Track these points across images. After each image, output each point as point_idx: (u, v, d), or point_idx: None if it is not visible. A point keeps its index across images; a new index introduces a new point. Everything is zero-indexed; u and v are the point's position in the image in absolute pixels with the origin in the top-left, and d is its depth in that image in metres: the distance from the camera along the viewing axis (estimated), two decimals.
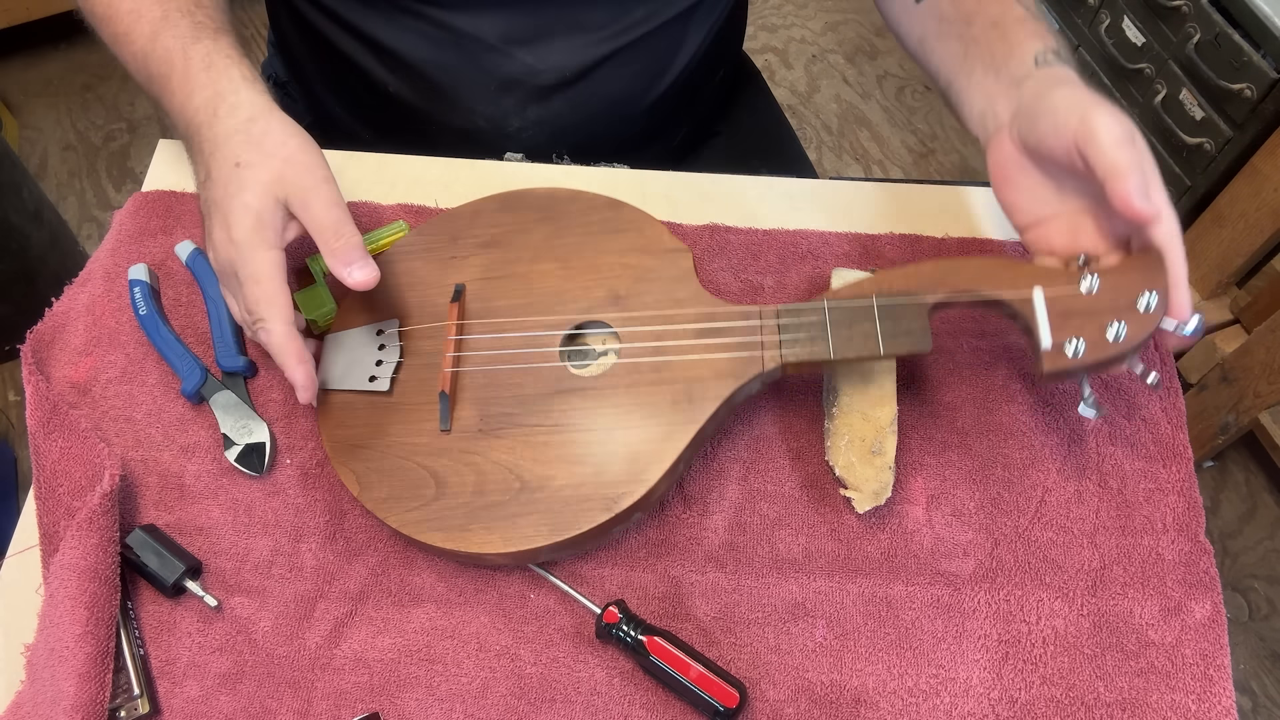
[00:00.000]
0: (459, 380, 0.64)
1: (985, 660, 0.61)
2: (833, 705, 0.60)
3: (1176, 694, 0.60)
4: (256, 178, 0.60)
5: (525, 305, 0.66)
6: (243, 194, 0.60)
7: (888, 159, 1.94)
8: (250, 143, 0.61)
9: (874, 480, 0.63)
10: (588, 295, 0.66)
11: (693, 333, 0.63)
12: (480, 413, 0.63)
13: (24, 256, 1.20)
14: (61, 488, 0.64)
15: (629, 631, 0.59)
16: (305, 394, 0.61)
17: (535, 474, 0.61)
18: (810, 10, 2.15)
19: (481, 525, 0.59)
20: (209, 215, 0.63)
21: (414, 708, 0.60)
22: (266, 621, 0.62)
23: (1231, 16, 1.31)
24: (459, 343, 0.65)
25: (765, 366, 0.61)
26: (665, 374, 0.63)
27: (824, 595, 0.63)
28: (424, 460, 0.62)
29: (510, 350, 0.65)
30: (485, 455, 0.61)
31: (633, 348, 0.64)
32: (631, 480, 0.60)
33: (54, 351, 0.71)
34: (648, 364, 0.63)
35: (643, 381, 0.63)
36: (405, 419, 0.63)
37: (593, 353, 0.67)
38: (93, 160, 1.91)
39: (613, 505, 0.59)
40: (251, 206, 0.60)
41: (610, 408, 0.62)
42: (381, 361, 0.65)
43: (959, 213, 0.78)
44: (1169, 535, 0.65)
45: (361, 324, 0.67)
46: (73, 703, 0.56)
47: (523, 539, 0.59)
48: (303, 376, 0.60)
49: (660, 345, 0.63)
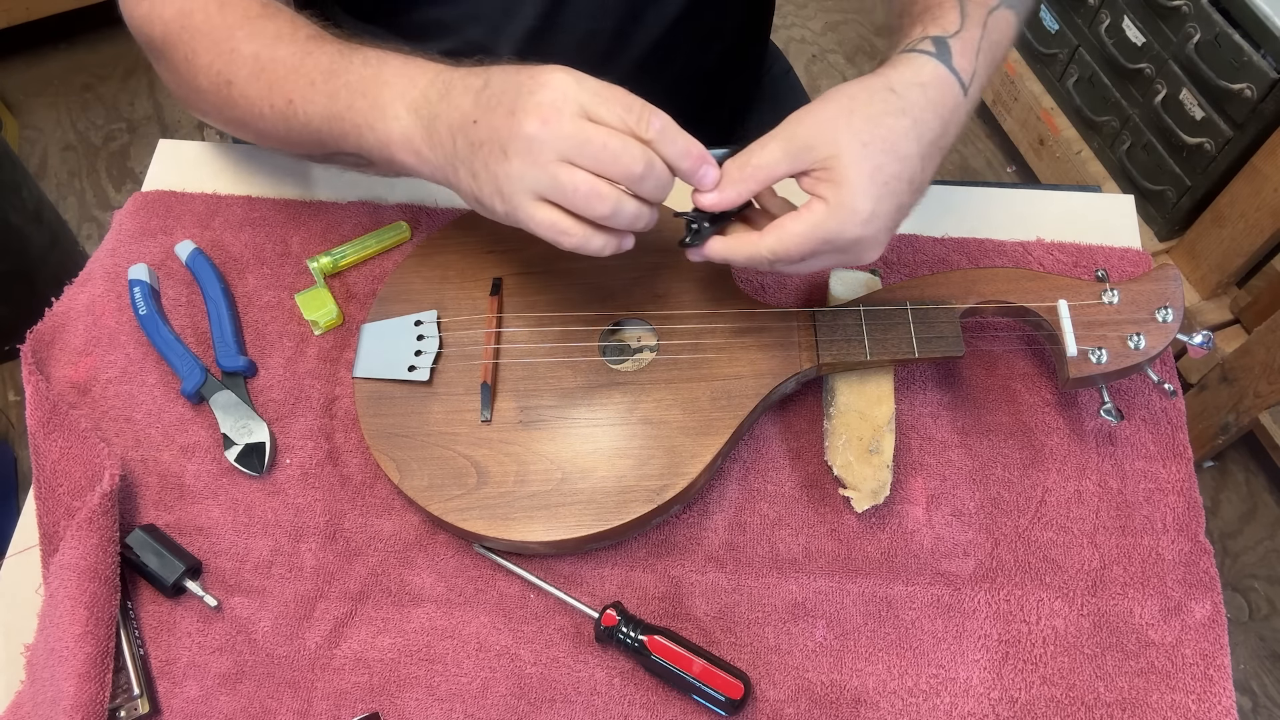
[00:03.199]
0: (498, 372, 0.65)
1: (985, 660, 0.61)
2: (833, 705, 0.60)
3: (1176, 694, 0.60)
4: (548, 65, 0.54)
5: (564, 300, 0.67)
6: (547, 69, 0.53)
7: None
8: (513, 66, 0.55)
9: (872, 479, 0.63)
10: (626, 292, 0.68)
11: (730, 331, 0.65)
12: (519, 405, 0.64)
13: (24, 256, 1.19)
14: (61, 488, 0.64)
15: (629, 633, 0.59)
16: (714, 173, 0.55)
17: (577, 465, 0.62)
18: (810, 10, 2.15)
19: (524, 514, 0.61)
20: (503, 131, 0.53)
21: (414, 708, 0.60)
22: (266, 621, 0.62)
23: (1231, 16, 1.31)
24: (498, 335, 0.66)
25: (802, 366, 0.64)
26: (704, 371, 0.64)
27: (824, 595, 0.63)
28: (465, 450, 0.63)
29: (549, 344, 0.66)
30: (526, 446, 0.63)
31: (671, 344, 0.65)
32: (673, 474, 0.61)
33: (54, 351, 0.71)
34: (687, 360, 0.65)
35: (681, 378, 0.64)
36: (445, 409, 0.64)
37: (629, 349, 0.68)
38: (93, 160, 1.91)
39: (655, 497, 0.61)
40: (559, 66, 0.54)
41: (650, 403, 0.64)
42: (421, 352, 0.66)
43: (959, 213, 0.78)
44: (1169, 535, 0.65)
45: (400, 314, 0.68)
46: (73, 703, 0.56)
47: (566, 528, 0.60)
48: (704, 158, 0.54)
49: (699, 343, 0.65)
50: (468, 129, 0.54)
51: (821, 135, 0.55)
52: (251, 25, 0.63)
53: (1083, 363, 0.63)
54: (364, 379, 0.66)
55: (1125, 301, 0.64)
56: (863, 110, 0.55)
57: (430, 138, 0.56)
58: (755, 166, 0.55)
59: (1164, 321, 0.63)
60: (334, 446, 0.68)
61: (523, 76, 0.53)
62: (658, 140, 0.53)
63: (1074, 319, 0.63)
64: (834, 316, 0.64)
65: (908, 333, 0.63)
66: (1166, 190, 1.51)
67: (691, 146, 0.54)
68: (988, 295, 0.65)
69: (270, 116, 0.63)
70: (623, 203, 0.53)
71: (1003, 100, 1.80)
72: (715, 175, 0.55)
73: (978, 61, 0.59)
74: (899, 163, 0.55)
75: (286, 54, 0.62)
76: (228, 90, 0.64)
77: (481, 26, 0.78)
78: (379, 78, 0.58)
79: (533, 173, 0.52)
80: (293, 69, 0.61)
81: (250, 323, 0.72)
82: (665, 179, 0.54)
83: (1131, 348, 0.62)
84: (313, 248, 0.75)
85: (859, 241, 0.55)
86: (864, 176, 0.54)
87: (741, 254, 0.57)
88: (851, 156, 0.54)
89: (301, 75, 0.61)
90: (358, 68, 0.59)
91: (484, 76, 0.55)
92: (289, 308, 0.73)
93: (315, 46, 0.62)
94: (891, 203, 0.55)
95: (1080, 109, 1.63)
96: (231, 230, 0.76)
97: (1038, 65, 1.71)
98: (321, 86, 0.60)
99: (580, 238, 0.54)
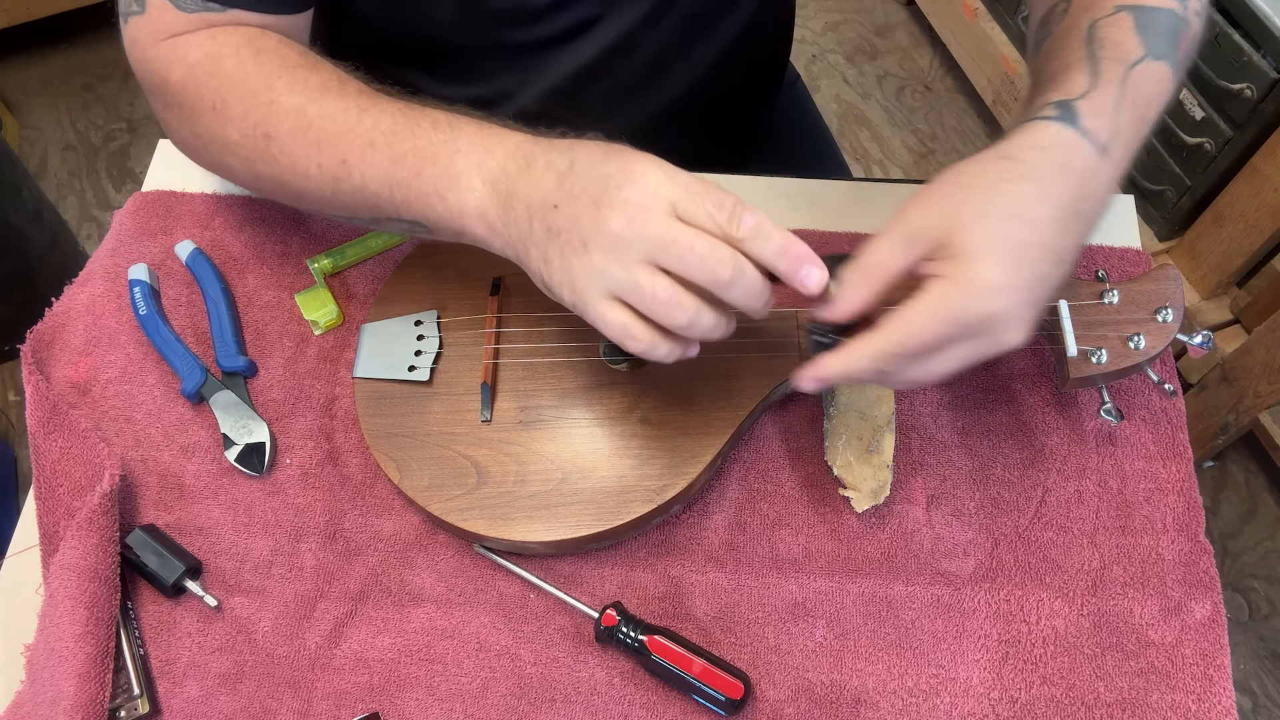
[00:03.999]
0: (498, 372, 0.65)
1: (985, 660, 0.61)
2: (833, 705, 0.60)
3: (1176, 694, 0.60)
4: (638, 154, 0.51)
5: None
6: (637, 160, 0.51)
7: (888, 159, 1.94)
8: (596, 144, 0.53)
9: (872, 479, 0.63)
10: None
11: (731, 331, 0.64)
12: (519, 405, 0.64)
13: (24, 256, 1.19)
14: (61, 488, 0.64)
15: (629, 633, 0.59)
16: (818, 274, 0.50)
17: (577, 465, 0.62)
18: (810, 10, 2.15)
19: (524, 514, 0.61)
20: (585, 223, 0.50)
21: (414, 708, 0.60)
22: (266, 621, 0.62)
23: (1231, 16, 1.31)
24: (498, 335, 0.67)
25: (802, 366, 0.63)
26: (704, 371, 0.64)
27: (824, 595, 0.63)
28: (465, 449, 0.63)
29: (549, 344, 0.66)
30: (526, 446, 0.63)
31: None
32: (673, 474, 0.61)
33: (54, 351, 0.71)
34: (687, 360, 0.64)
35: (682, 378, 0.64)
36: (445, 409, 0.64)
37: None
38: (93, 160, 1.91)
39: (655, 497, 0.61)
40: (650, 157, 0.51)
41: (650, 403, 0.64)
42: (421, 351, 0.66)
43: None
44: (1169, 535, 0.65)
45: (400, 314, 0.68)
46: (73, 703, 0.56)
47: (566, 528, 0.60)
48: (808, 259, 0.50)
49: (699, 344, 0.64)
50: (547, 213, 0.51)
51: (935, 214, 0.50)
52: (292, 75, 0.59)
53: (1083, 363, 0.63)
54: (364, 379, 0.66)
55: (1125, 302, 0.64)
56: (976, 181, 0.51)
57: (505, 214, 0.53)
58: (869, 266, 0.51)
59: (1164, 322, 0.63)
60: (334, 446, 0.68)
61: (611, 166, 0.50)
62: (750, 239, 0.49)
63: (1074, 319, 0.63)
64: None
65: None
66: (1166, 190, 1.51)
67: (791, 244, 0.50)
68: None
69: (316, 176, 0.58)
70: (701, 314, 0.50)
71: (1003, 100, 1.80)
72: (820, 276, 0.50)
73: (1118, 120, 0.54)
74: (1028, 227, 0.49)
75: (337, 110, 0.57)
76: (265, 145, 0.59)
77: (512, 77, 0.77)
78: (452, 144, 0.55)
79: (612, 271, 0.49)
80: (347, 127, 0.57)
81: (250, 323, 0.72)
82: (756, 286, 0.50)
83: (1131, 348, 0.62)
84: (313, 248, 0.75)
85: (993, 319, 0.49)
86: (988, 244, 0.48)
87: (862, 358, 0.50)
88: (971, 227, 0.49)
89: (358, 135, 0.56)
90: (426, 131, 0.56)
91: (568, 156, 0.52)
92: (289, 308, 0.73)
93: (371, 103, 0.58)
94: (1027, 272, 0.49)
95: None
96: (231, 230, 0.76)
97: None
98: (384, 149, 0.56)
99: (647, 344, 0.51)
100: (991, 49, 1.78)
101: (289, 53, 0.61)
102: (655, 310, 0.49)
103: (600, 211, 0.49)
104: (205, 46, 0.61)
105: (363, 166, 0.56)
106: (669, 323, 0.50)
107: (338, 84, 0.59)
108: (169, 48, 0.62)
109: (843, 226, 0.77)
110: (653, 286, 0.49)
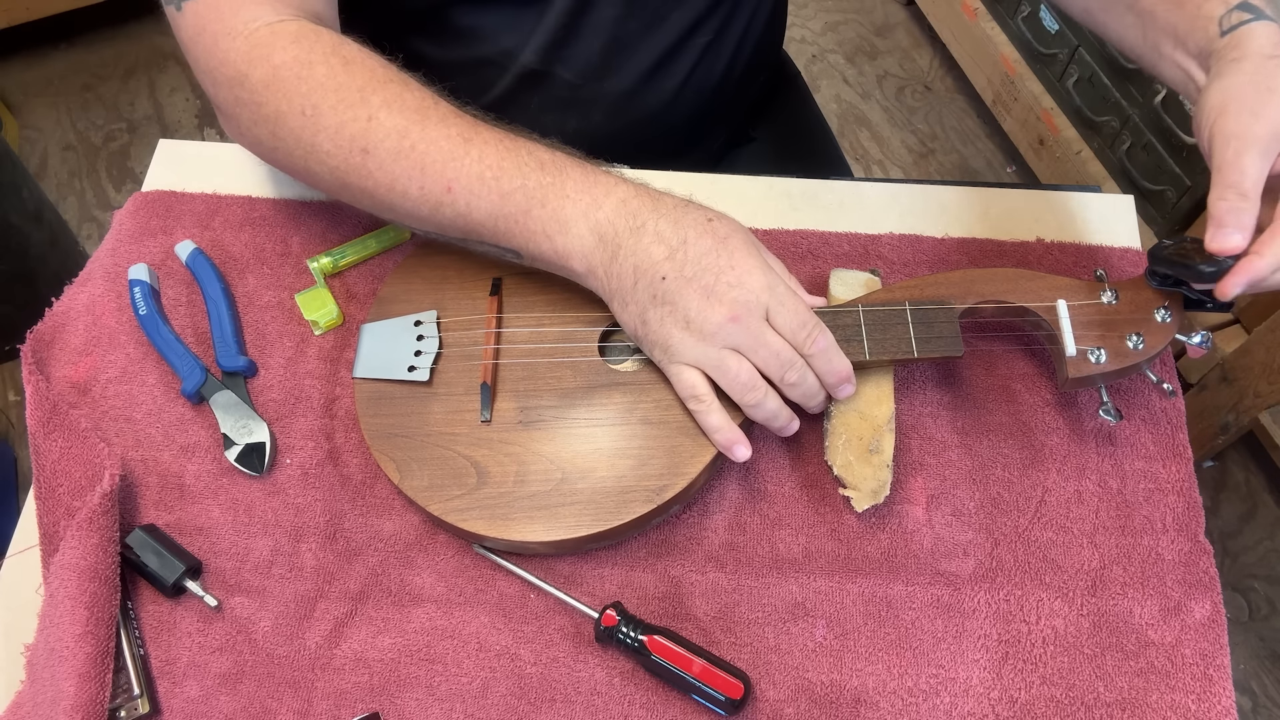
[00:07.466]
0: (498, 372, 0.65)
1: (985, 660, 0.61)
2: (833, 705, 0.60)
3: (1176, 694, 0.60)
4: (744, 249, 0.60)
5: (563, 300, 0.67)
6: (740, 231, 0.60)
7: (888, 159, 1.94)
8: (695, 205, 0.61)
9: (872, 479, 0.63)
10: None
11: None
12: (519, 405, 0.64)
13: (24, 256, 1.19)
14: (61, 488, 0.64)
15: (629, 633, 0.59)
16: (848, 389, 0.62)
17: (577, 466, 0.62)
18: (810, 10, 2.15)
19: (524, 514, 0.61)
20: (692, 307, 0.58)
21: (414, 708, 0.60)
22: (266, 621, 0.63)
23: None
24: (498, 335, 0.67)
25: None
26: None
27: (824, 595, 0.63)
28: (465, 450, 0.63)
29: (548, 344, 0.66)
30: (526, 446, 0.63)
31: None
32: (673, 474, 0.61)
33: (54, 351, 0.71)
34: None
35: None
36: (445, 409, 0.64)
37: (629, 348, 0.68)
38: (93, 160, 1.91)
39: (655, 497, 0.61)
40: (754, 238, 0.61)
41: (650, 402, 0.64)
42: (420, 352, 0.66)
43: (958, 213, 0.78)
44: (1169, 535, 0.65)
45: (400, 314, 0.68)
46: (73, 703, 0.56)
47: (565, 528, 0.60)
48: None
49: None
50: (654, 282, 0.58)
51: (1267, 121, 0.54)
52: (385, 91, 0.60)
53: (1082, 363, 0.63)
54: (364, 379, 0.66)
55: (1124, 301, 0.64)
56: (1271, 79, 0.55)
57: (611, 266, 0.59)
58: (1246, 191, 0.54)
59: (1163, 321, 0.63)
60: (334, 446, 0.68)
61: (723, 261, 0.58)
62: (817, 358, 0.60)
63: (1073, 319, 0.63)
64: (833, 316, 0.64)
65: (907, 333, 0.63)
66: (1166, 190, 1.51)
67: (841, 368, 0.61)
68: (987, 295, 0.65)
69: (416, 198, 0.60)
70: (768, 399, 0.60)
71: (1002, 100, 1.80)
72: (849, 391, 0.62)
73: None
74: None
75: (440, 135, 0.60)
76: (361, 159, 0.60)
77: (513, 34, 0.78)
78: (560, 189, 0.59)
79: (705, 350, 0.59)
80: (452, 156, 0.59)
81: (250, 323, 0.72)
82: (813, 392, 0.61)
83: (1131, 348, 0.62)
84: (313, 248, 0.75)
85: None
86: None
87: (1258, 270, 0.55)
88: None
89: (465, 167, 0.59)
90: (534, 172, 0.59)
91: (680, 233, 0.58)
92: (289, 308, 0.73)
93: (473, 133, 0.60)
94: None
95: (1080, 109, 1.63)
96: (231, 230, 0.76)
97: (1038, 65, 1.71)
98: (492, 184, 0.59)
99: (707, 408, 0.60)
100: (991, 49, 1.78)
101: (374, 64, 0.62)
102: (733, 387, 0.59)
103: (709, 302, 0.57)
104: (291, 50, 0.61)
105: (468, 197, 0.60)
106: (740, 399, 0.60)
107: (434, 106, 0.61)
108: (250, 44, 0.61)
109: (843, 226, 0.77)
110: (738, 369, 0.59)
